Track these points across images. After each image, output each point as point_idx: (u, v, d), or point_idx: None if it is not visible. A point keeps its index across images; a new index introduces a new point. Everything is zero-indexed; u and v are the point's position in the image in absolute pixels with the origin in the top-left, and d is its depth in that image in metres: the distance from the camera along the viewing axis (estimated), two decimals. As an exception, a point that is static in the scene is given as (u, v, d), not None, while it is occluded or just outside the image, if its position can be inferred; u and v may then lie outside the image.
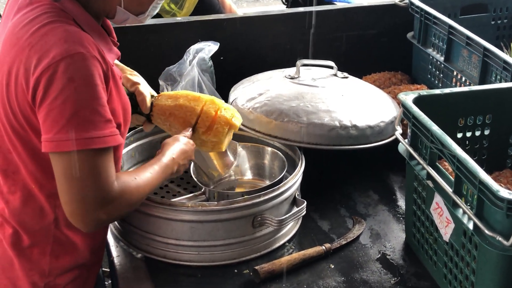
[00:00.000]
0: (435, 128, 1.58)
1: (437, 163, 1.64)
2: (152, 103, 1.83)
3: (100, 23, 1.59)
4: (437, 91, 1.82)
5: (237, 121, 1.85)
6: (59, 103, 1.39)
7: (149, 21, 2.56)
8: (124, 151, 2.01)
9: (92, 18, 1.53)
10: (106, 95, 1.46)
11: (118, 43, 1.65)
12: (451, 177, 1.57)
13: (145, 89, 1.82)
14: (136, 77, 1.83)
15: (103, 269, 1.99)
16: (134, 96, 1.80)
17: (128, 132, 2.03)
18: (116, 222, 1.87)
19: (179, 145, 1.71)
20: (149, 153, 2.07)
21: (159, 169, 1.60)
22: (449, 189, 1.52)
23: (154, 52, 2.52)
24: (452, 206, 1.54)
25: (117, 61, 1.86)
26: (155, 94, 1.87)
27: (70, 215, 1.45)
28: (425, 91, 1.79)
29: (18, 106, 1.47)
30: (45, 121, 1.42)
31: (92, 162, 1.42)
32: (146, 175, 1.56)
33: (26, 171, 1.54)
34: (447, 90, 1.84)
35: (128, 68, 1.86)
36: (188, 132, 1.78)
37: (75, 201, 1.43)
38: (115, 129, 1.46)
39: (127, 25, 1.65)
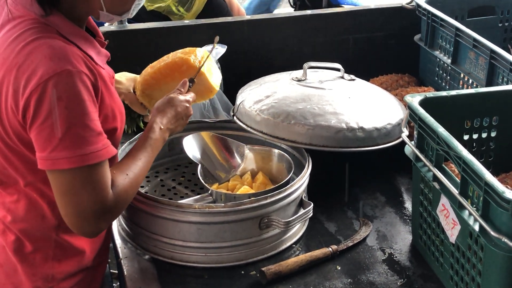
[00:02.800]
0: (441, 130, 1.58)
1: (443, 165, 1.64)
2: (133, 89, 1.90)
3: (84, 26, 1.59)
4: (443, 93, 1.83)
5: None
6: (50, 122, 1.40)
7: (157, 24, 2.60)
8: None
9: (76, 25, 1.53)
10: (96, 108, 1.47)
11: (106, 43, 1.66)
12: (457, 178, 1.57)
13: (131, 95, 1.90)
14: (119, 88, 1.89)
15: (112, 271, 2.00)
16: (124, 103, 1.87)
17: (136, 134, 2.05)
18: (123, 224, 1.88)
19: (169, 110, 1.70)
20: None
21: (150, 149, 1.61)
22: (455, 191, 1.52)
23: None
24: (458, 207, 1.54)
25: None
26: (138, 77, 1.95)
27: (71, 226, 1.49)
28: (431, 93, 1.80)
29: (10, 126, 1.48)
30: (38, 140, 1.43)
31: (88, 177, 1.44)
32: (138, 164, 1.57)
33: (25, 182, 1.55)
34: (453, 92, 1.84)
35: None
36: (183, 88, 1.77)
37: (73, 215, 1.46)
38: (107, 141, 1.47)
39: (113, 23, 1.66)
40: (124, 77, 1.95)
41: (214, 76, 1.89)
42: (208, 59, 1.88)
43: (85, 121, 1.42)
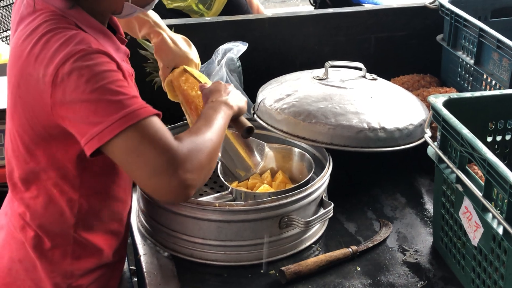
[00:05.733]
0: (465, 131, 1.57)
1: (467, 167, 1.63)
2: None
3: (106, 23, 1.59)
4: (467, 94, 1.81)
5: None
6: (79, 102, 1.37)
7: (178, 21, 2.59)
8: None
9: (96, 20, 1.53)
10: (121, 75, 1.42)
11: (126, 40, 1.66)
12: (481, 181, 1.55)
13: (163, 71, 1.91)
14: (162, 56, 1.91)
15: (130, 267, 2.01)
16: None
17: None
18: (143, 220, 1.88)
19: (211, 88, 1.73)
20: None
21: (210, 117, 1.56)
22: (479, 193, 1.51)
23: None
24: (481, 210, 1.52)
25: (160, 20, 1.94)
26: (194, 58, 1.99)
27: (154, 193, 1.40)
28: (455, 94, 1.78)
29: (35, 116, 1.47)
30: (74, 125, 1.40)
31: (140, 135, 1.36)
32: (199, 124, 1.52)
33: (46, 177, 1.55)
34: (477, 94, 1.82)
35: (168, 34, 1.92)
36: None
37: (147, 177, 1.36)
38: (144, 102, 1.41)
39: (129, 17, 1.66)
40: (180, 50, 1.92)
41: None
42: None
43: (112, 87, 1.37)
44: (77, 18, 1.49)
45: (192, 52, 1.96)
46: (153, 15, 1.92)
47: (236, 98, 1.72)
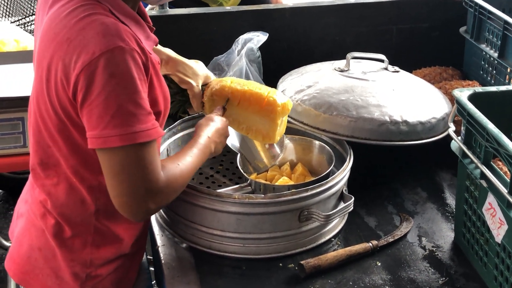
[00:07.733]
0: (491, 126, 1.53)
1: (491, 162, 1.60)
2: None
3: (136, 9, 1.58)
4: (492, 88, 1.78)
5: (289, 106, 1.85)
6: (102, 99, 1.39)
7: (199, 10, 2.58)
8: (171, 140, 2.01)
9: (128, 6, 1.52)
10: (146, 87, 1.45)
11: (154, 28, 1.64)
12: (506, 177, 1.52)
13: (197, 91, 1.87)
14: (189, 78, 1.85)
15: (148, 257, 2.00)
16: (186, 93, 1.86)
17: (175, 121, 2.03)
18: (161, 211, 1.86)
19: (213, 124, 1.72)
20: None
21: (198, 151, 1.62)
22: (504, 190, 1.48)
23: (203, 41, 2.51)
24: (506, 207, 1.50)
25: (174, 53, 1.87)
26: (211, 75, 1.91)
27: (120, 207, 1.46)
28: (480, 88, 1.75)
29: (58, 102, 1.47)
30: (90, 118, 1.42)
31: (139, 156, 1.42)
32: (187, 160, 1.57)
33: (66, 165, 1.55)
34: (503, 88, 1.79)
35: (183, 62, 1.86)
36: (220, 112, 1.80)
37: (124, 195, 1.44)
38: (156, 121, 1.47)
39: (163, 3, 1.62)
40: (200, 70, 1.90)
41: (281, 128, 1.88)
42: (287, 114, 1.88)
43: (136, 99, 1.41)
44: (112, 4, 1.48)
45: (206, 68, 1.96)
46: (168, 51, 1.88)
47: (216, 134, 1.73)
